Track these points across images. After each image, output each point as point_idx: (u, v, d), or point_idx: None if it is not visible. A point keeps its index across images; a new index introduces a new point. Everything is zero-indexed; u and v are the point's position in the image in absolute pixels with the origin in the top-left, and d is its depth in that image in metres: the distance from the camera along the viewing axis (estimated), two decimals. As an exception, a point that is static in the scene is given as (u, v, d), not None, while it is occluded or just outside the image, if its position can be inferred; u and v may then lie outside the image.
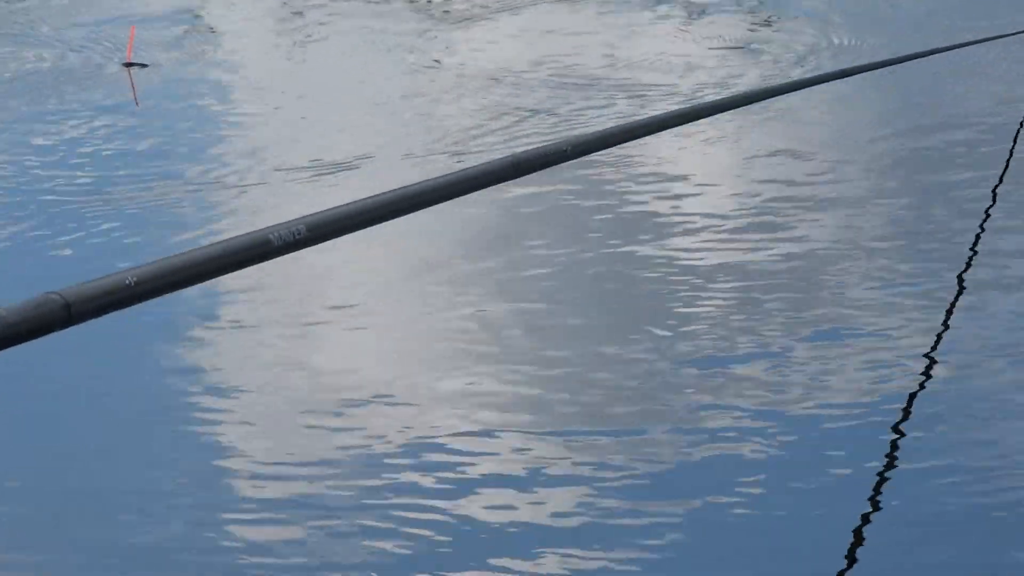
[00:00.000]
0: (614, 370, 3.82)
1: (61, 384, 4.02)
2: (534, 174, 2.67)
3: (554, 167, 2.72)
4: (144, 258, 1.97)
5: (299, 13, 9.36)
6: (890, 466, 3.26)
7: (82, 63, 8.19)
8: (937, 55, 5.86)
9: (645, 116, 3.22)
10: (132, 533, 3.22)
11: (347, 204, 2.21)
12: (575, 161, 2.80)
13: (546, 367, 3.87)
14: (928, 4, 8.53)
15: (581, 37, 8.18)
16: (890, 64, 5.08)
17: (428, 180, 2.39)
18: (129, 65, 8.15)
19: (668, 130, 3.58)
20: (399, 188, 2.32)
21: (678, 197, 5.21)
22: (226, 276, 2.09)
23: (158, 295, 1.87)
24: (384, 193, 2.29)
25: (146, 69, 8.06)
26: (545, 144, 2.68)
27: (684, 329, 4.07)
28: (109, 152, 6.36)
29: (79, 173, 6.03)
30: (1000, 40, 6.85)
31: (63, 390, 4.00)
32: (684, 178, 5.41)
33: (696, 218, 4.99)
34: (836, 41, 7.71)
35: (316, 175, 5.79)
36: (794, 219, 4.88)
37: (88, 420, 3.82)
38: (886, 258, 4.52)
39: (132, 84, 7.81)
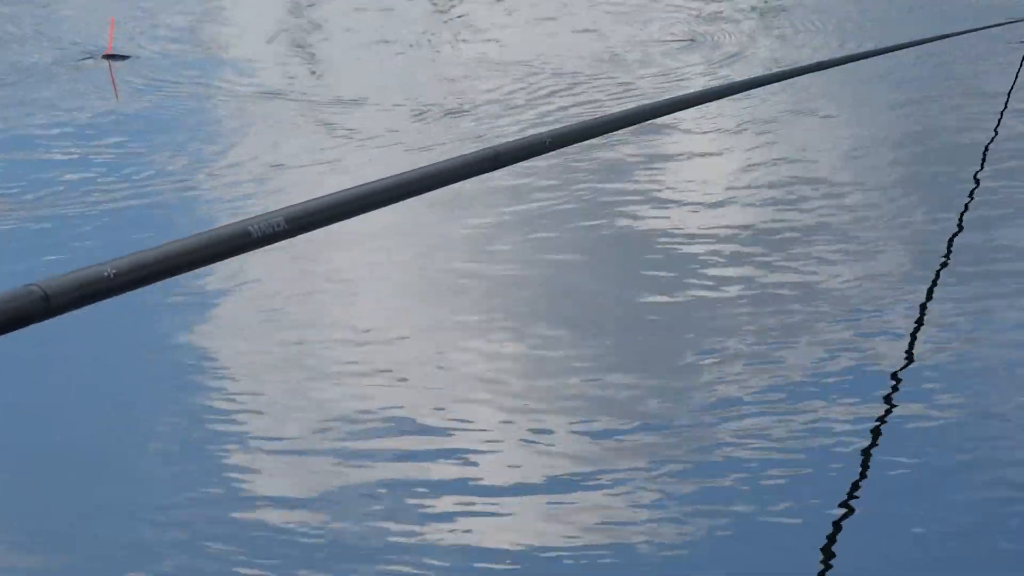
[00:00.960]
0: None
1: (63, 383, 4.03)
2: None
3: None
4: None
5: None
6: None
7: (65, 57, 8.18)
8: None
9: (621, 110, 3.22)
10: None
11: (326, 196, 2.20)
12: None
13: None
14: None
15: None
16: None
17: (406, 172, 2.39)
18: (109, 57, 8.13)
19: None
20: (377, 180, 2.32)
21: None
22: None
23: (137, 287, 1.86)
24: (362, 185, 2.29)
25: (126, 61, 8.04)
26: (525, 136, 2.68)
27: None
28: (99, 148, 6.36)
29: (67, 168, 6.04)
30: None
31: (65, 389, 4.01)
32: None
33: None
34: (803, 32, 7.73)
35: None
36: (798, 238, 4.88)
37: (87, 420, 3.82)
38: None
39: (112, 77, 7.80)
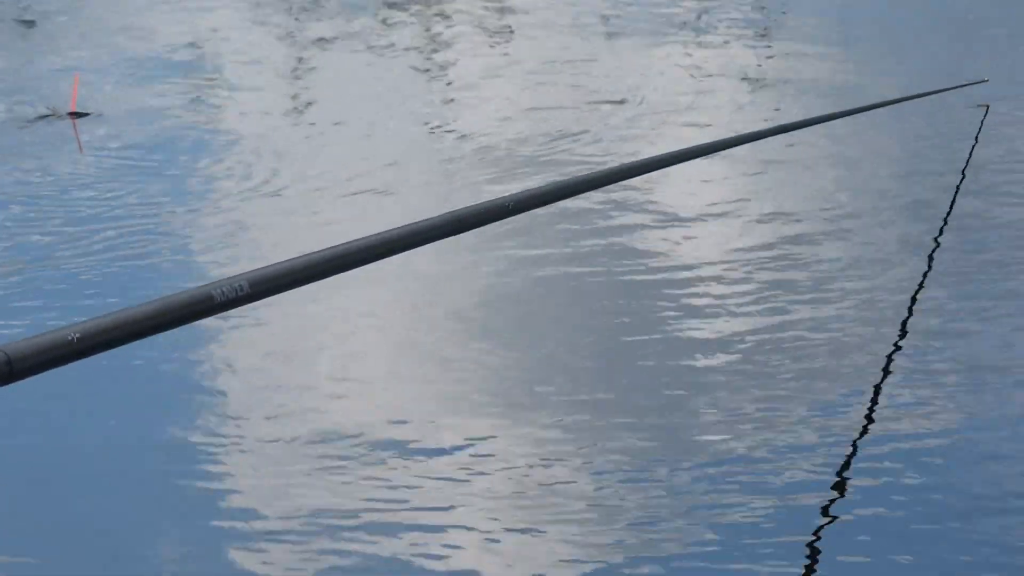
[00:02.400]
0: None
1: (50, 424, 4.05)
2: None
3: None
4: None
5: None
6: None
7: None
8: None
9: (585, 173, 3.25)
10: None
11: (289, 260, 2.23)
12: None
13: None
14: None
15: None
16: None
17: (369, 236, 2.41)
18: (73, 115, 8.15)
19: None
20: (340, 244, 2.35)
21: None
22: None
23: (101, 351, 1.88)
24: (325, 249, 2.31)
25: (88, 118, 8.06)
26: (487, 200, 2.70)
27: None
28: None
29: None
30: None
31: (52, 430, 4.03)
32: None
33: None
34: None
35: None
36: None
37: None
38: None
39: (76, 133, 7.81)
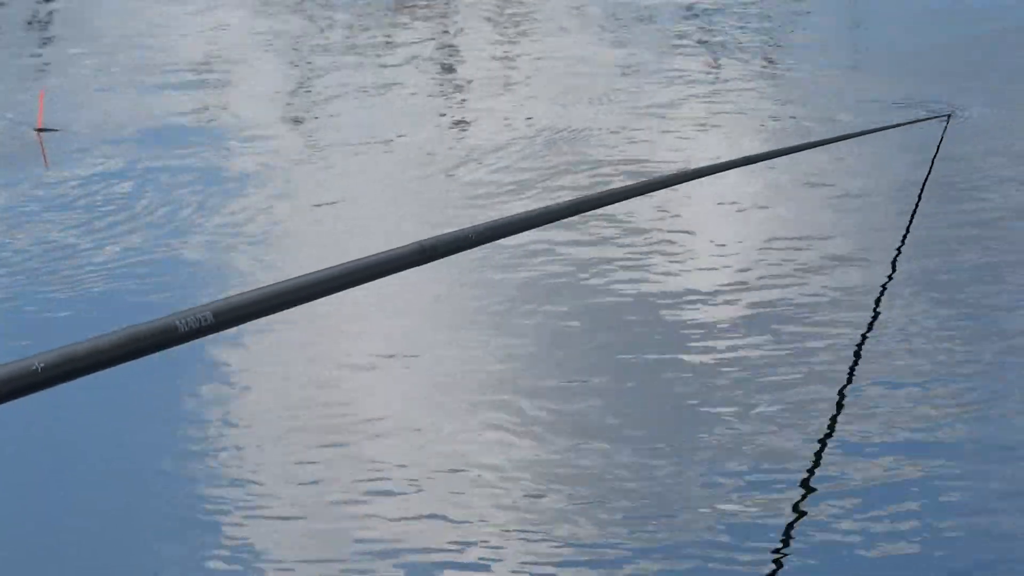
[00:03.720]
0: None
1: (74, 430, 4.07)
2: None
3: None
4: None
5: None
6: None
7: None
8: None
9: (556, 202, 3.28)
10: None
11: (253, 290, 2.25)
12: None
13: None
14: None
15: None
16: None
17: (333, 266, 2.44)
18: (40, 131, 8.16)
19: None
20: (304, 274, 2.37)
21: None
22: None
23: (66, 380, 1.90)
24: (290, 279, 2.34)
25: (56, 134, 8.07)
26: (451, 231, 2.74)
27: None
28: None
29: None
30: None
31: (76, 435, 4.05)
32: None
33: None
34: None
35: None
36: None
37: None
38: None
39: (43, 149, 7.82)
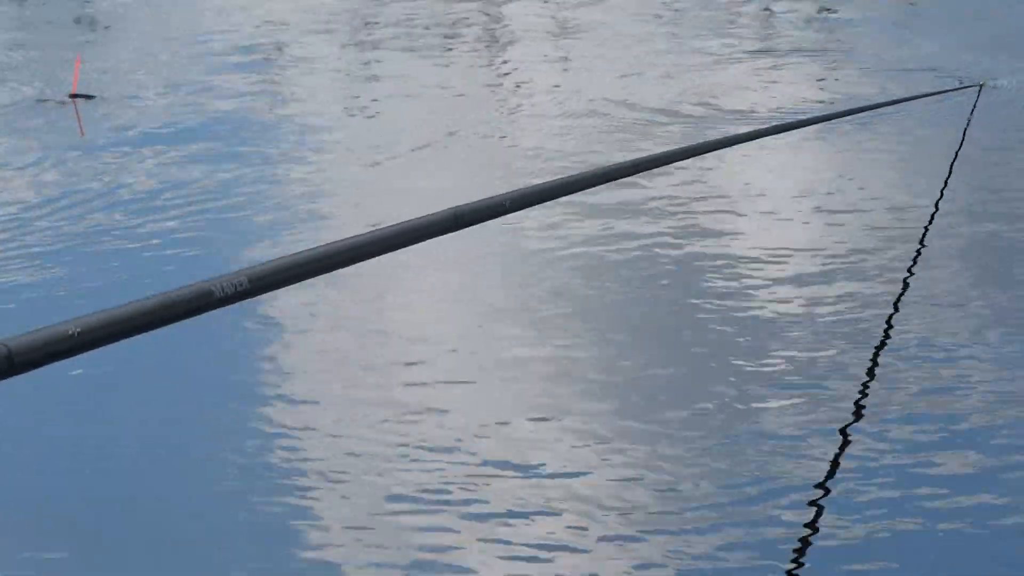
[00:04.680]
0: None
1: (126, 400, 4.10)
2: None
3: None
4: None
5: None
6: None
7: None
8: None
9: (588, 169, 3.26)
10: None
11: (288, 256, 2.25)
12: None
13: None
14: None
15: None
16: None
17: (367, 232, 2.43)
18: (74, 96, 8.18)
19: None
20: (339, 240, 2.37)
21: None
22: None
23: (101, 345, 1.90)
24: (324, 245, 2.33)
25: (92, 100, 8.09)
26: (486, 198, 2.72)
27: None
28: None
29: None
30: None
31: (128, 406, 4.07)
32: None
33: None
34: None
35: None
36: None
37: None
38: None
39: (78, 115, 7.84)
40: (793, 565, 3.16)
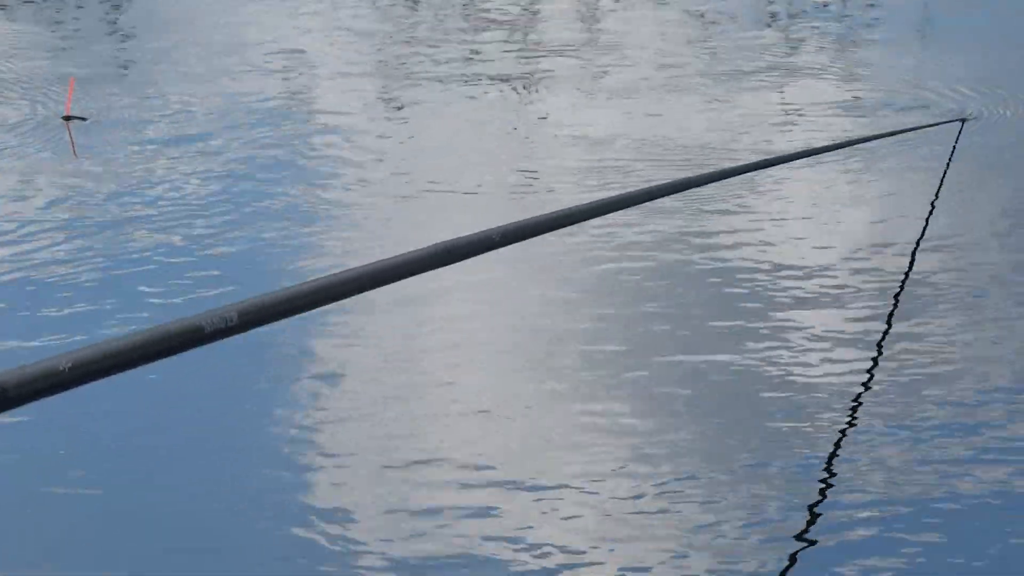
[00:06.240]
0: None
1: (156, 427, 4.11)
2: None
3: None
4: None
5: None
6: None
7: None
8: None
9: (576, 205, 3.29)
10: None
11: (278, 291, 2.27)
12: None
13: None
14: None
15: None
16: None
17: (359, 267, 2.46)
18: (68, 118, 8.19)
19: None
20: (329, 275, 2.39)
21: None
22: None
23: (93, 380, 1.92)
24: (313, 280, 2.36)
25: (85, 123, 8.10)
26: (476, 232, 2.75)
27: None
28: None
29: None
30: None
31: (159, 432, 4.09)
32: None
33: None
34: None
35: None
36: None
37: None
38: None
39: (71, 136, 7.85)
40: (793, 564, 3.20)
